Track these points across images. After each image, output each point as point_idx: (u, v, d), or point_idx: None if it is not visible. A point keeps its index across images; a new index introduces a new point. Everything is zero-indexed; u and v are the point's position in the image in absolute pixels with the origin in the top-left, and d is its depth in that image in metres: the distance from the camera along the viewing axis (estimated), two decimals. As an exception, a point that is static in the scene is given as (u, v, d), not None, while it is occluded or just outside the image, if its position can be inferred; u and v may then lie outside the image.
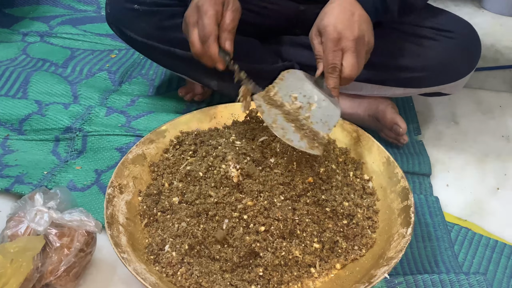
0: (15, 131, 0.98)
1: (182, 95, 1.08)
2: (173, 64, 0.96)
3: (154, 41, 0.92)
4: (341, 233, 0.70)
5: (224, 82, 0.96)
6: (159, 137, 0.84)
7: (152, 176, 0.79)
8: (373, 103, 0.95)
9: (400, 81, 0.90)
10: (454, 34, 0.87)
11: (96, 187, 0.86)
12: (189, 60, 0.93)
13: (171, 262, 0.66)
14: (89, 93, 1.10)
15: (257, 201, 0.68)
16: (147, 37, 0.92)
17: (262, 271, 0.65)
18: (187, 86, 1.08)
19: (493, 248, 0.78)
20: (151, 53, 0.96)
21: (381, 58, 0.89)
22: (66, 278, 0.66)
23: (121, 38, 0.97)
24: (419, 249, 0.77)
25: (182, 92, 1.08)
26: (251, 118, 0.89)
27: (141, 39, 0.93)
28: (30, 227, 0.65)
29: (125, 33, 0.94)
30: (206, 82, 0.97)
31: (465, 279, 0.70)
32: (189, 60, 0.93)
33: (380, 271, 0.62)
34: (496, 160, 0.97)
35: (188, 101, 1.08)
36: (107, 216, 0.68)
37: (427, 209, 0.83)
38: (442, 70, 0.88)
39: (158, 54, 0.94)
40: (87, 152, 0.93)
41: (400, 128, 0.91)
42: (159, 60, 0.97)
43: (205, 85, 0.97)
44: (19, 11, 1.46)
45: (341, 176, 0.75)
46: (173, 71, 0.99)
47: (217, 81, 0.96)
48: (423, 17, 0.90)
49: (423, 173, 0.91)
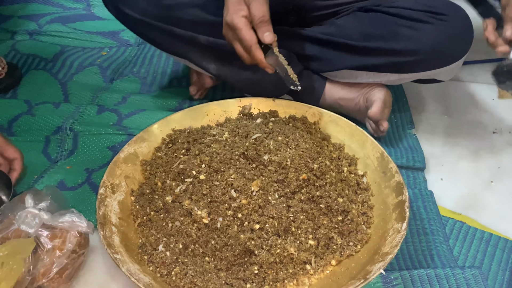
0: (5, 131, 0.97)
1: (193, 94, 1.05)
2: (172, 45, 0.94)
3: (152, 19, 0.90)
4: (336, 229, 0.70)
5: (223, 66, 0.94)
6: (151, 136, 0.83)
7: (144, 175, 0.78)
8: (368, 88, 0.95)
9: (394, 66, 0.90)
10: (447, 17, 0.87)
11: (87, 186, 0.85)
12: (188, 40, 0.91)
13: (165, 262, 0.65)
14: (79, 92, 1.08)
15: (251, 199, 0.67)
16: (145, 15, 0.90)
17: (257, 269, 0.64)
18: (196, 82, 1.05)
19: (487, 241, 0.78)
20: (149, 33, 0.93)
21: (375, 42, 0.88)
22: (59, 280, 0.65)
23: (118, 18, 0.95)
24: (414, 243, 0.77)
25: (194, 91, 1.05)
26: (243, 115, 0.89)
27: (140, 17, 0.90)
28: (20, 229, 0.64)
29: (122, 11, 0.91)
30: (204, 65, 0.95)
31: (460, 273, 0.70)
32: (187, 40, 0.91)
33: (376, 267, 0.61)
34: (490, 153, 0.97)
35: (200, 98, 1.05)
36: (100, 216, 0.68)
37: (421, 203, 0.83)
38: (436, 53, 0.88)
39: (157, 33, 0.92)
40: (78, 151, 0.92)
41: (371, 111, 0.89)
42: (157, 40, 0.94)
43: (204, 68, 0.95)
44: (7, 10, 1.44)
45: (335, 172, 0.75)
46: (171, 53, 0.96)
47: (216, 65, 0.94)
48: (418, 1, 0.90)
49: (417, 167, 0.91)
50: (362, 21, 0.92)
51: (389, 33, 0.88)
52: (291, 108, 0.89)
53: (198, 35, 0.91)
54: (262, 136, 0.77)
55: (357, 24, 0.92)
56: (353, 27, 0.92)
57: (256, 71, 0.94)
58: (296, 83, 0.78)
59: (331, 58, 0.93)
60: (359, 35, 0.90)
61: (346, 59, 0.92)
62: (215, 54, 0.93)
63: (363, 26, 0.91)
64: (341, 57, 0.92)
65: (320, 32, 0.94)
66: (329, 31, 0.93)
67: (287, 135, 0.79)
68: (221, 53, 0.92)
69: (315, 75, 0.97)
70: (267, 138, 0.78)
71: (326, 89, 0.97)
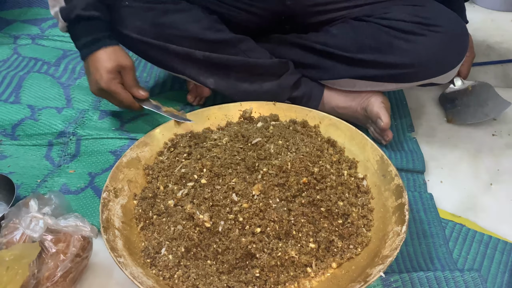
0: (8, 136, 0.98)
1: (191, 101, 1.06)
2: (169, 62, 0.95)
3: (149, 37, 0.92)
4: (337, 233, 0.70)
5: (221, 80, 0.96)
6: (153, 140, 0.84)
7: (147, 179, 0.79)
8: (365, 96, 0.95)
9: (391, 77, 0.91)
10: (441, 28, 0.87)
11: (90, 190, 0.86)
12: (184, 56, 0.93)
13: (168, 265, 0.66)
14: (82, 96, 1.09)
15: (252, 203, 0.68)
16: (142, 34, 0.92)
17: (258, 272, 0.65)
18: (193, 90, 1.06)
19: (487, 243, 0.79)
20: (146, 51, 0.95)
21: (371, 55, 0.89)
22: (63, 283, 0.66)
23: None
24: (414, 246, 0.77)
25: (191, 98, 1.06)
26: (244, 119, 0.90)
27: (136, 36, 0.92)
28: (25, 233, 0.64)
29: (119, 32, 0.93)
30: (202, 80, 0.96)
31: (460, 276, 0.71)
32: (184, 56, 0.93)
33: (376, 270, 0.62)
34: (489, 155, 0.98)
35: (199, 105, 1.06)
36: (103, 220, 0.68)
37: (421, 206, 0.84)
38: (432, 64, 0.89)
39: (154, 51, 0.94)
40: (81, 155, 0.93)
41: (382, 122, 0.91)
42: (154, 59, 0.96)
43: (202, 83, 0.97)
44: (10, 14, 1.45)
45: (335, 176, 0.76)
46: (169, 70, 0.98)
47: (214, 79, 0.96)
48: (409, 12, 0.90)
49: (417, 170, 0.91)
50: (356, 32, 0.92)
51: (384, 45, 0.89)
52: (292, 112, 0.90)
53: (195, 51, 0.92)
54: (262, 141, 0.78)
55: (352, 35, 0.92)
56: (348, 37, 0.93)
57: (253, 82, 0.95)
58: (185, 119, 0.88)
59: (329, 67, 0.94)
60: (355, 47, 0.91)
61: (344, 69, 0.93)
62: (212, 69, 0.94)
63: (358, 37, 0.92)
64: (339, 67, 0.93)
65: (315, 41, 0.95)
66: (324, 41, 0.94)
67: (287, 139, 0.79)
68: (217, 68, 0.94)
69: (313, 82, 0.98)
70: (268, 142, 0.79)
71: (324, 96, 0.98)
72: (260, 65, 0.94)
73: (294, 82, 0.96)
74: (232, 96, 0.96)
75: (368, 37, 0.91)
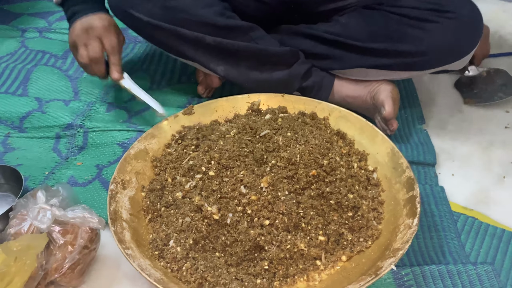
0: (16, 128, 0.98)
1: (201, 93, 1.05)
2: (179, 47, 0.93)
3: (160, 20, 0.90)
4: (346, 225, 0.69)
5: (231, 67, 0.94)
6: (161, 132, 0.83)
7: (155, 171, 0.79)
8: (375, 85, 0.94)
9: (404, 65, 0.89)
10: (455, 14, 0.86)
11: (98, 182, 0.85)
12: (195, 41, 0.91)
13: (176, 257, 0.66)
14: (89, 89, 1.09)
15: (261, 195, 0.67)
16: (153, 17, 0.90)
17: (267, 264, 0.64)
18: (203, 81, 1.04)
19: (500, 237, 0.77)
20: (157, 35, 0.93)
21: (384, 44, 0.88)
22: (71, 275, 0.66)
23: (124, 22, 0.95)
24: (426, 239, 0.76)
25: (202, 90, 1.05)
26: (252, 111, 0.89)
27: (147, 19, 0.90)
28: (33, 225, 0.64)
29: (129, 14, 0.92)
30: (212, 67, 0.94)
31: (472, 269, 0.69)
32: (194, 41, 0.91)
33: (387, 263, 0.61)
34: (502, 148, 0.96)
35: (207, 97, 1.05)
36: (111, 212, 0.68)
37: (432, 199, 0.83)
38: (445, 51, 0.87)
39: (164, 35, 0.92)
40: (88, 148, 0.92)
41: (384, 111, 0.88)
42: (164, 43, 0.94)
43: (212, 70, 0.95)
44: (17, 7, 1.45)
45: (345, 168, 0.74)
46: (179, 56, 0.96)
47: (224, 67, 0.94)
48: None
49: (428, 162, 0.90)
50: (367, 20, 0.91)
51: (396, 33, 0.87)
52: (300, 104, 0.89)
53: (205, 36, 0.90)
54: (271, 133, 0.77)
55: (363, 24, 0.91)
56: (359, 26, 0.91)
57: (264, 71, 0.93)
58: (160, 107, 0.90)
59: (340, 57, 0.93)
60: (366, 36, 0.89)
61: (355, 58, 0.91)
62: (222, 56, 0.92)
63: (369, 26, 0.90)
64: (350, 56, 0.92)
65: (325, 31, 0.93)
66: (334, 31, 0.93)
67: (296, 131, 0.78)
68: (228, 54, 0.92)
69: (323, 72, 0.97)
70: (276, 134, 0.78)
71: (334, 86, 0.97)
72: (271, 53, 0.93)
73: (304, 72, 0.94)
74: (242, 84, 0.95)
75: (379, 25, 0.89)
